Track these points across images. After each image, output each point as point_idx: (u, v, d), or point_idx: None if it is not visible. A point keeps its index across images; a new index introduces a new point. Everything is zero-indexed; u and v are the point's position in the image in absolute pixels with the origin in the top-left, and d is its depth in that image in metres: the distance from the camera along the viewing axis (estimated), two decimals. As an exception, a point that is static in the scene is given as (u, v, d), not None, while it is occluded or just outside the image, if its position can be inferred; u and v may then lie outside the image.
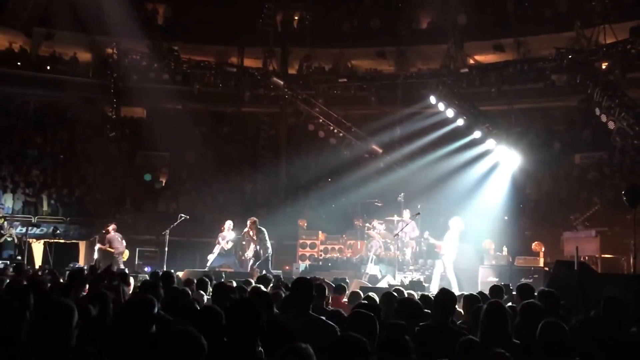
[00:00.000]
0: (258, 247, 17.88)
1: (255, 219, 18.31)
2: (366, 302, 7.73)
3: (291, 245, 22.72)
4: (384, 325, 5.51)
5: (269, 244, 18.01)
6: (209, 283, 10.17)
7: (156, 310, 5.56)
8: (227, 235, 18.95)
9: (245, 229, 18.15)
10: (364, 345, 4.10)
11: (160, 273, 11.45)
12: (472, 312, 6.82)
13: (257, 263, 17.74)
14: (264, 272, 16.49)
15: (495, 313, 5.88)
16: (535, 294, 7.69)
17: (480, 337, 5.73)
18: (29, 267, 20.12)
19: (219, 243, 18.92)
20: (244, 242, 19.20)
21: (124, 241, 19.93)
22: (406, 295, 9.59)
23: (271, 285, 10.31)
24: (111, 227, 20.17)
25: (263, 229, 18.11)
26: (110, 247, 19.64)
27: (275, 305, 6.75)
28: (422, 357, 5.30)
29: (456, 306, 7.35)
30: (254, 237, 17.89)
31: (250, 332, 4.66)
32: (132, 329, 5.28)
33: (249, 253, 18.24)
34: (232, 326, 4.75)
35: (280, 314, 6.36)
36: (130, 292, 9.03)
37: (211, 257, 18.75)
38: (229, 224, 19.17)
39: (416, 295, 9.94)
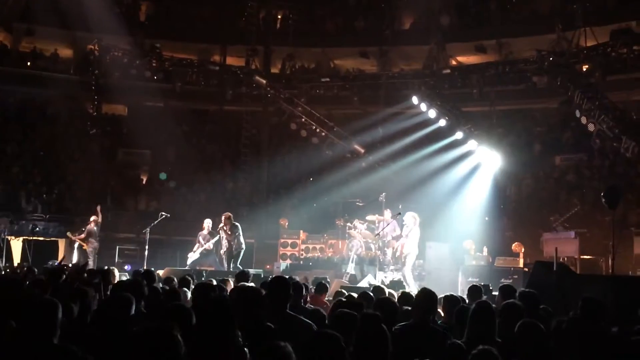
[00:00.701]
0: (232, 243, 17.86)
1: (229, 214, 18.35)
2: (345, 300, 7.75)
3: (272, 244, 22.73)
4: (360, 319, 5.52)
5: (242, 240, 18.02)
6: (192, 281, 10.14)
7: (134, 309, 5.55)
8: (207, 234, 18.92)
9: (220, 225, 18.12)
10: (338, 341, 4.10)
11: (142, 271, 11.42)
12: (454, 313, 6.85)
13: (232, 259, 17.76)
14: (238, 268, 16.58)
15: (484, 313, 5.93)
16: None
17: (467, 336, 5.76)
18: (7, 264, 19.99)
19: (199, 242, 18.88)
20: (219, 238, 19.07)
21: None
22: (387, 295, 9.64)
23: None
24: (93, 219, 20.13)
25: (237, 224, 18.13)
26: (86, 241, 19.59)
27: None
28: (402, 356, 5.32)
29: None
30: (228, 232, 17.88)
31: (226, 330, 4.63)
32: (110, 327, 5.27)
33: (223, 249, 18.23)
34: (209, 325, 4.72)
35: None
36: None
37: (191, 256, 18.70)
38: (207, 222, 19.13)
39: (396, 294, 9.97)
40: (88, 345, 5.00)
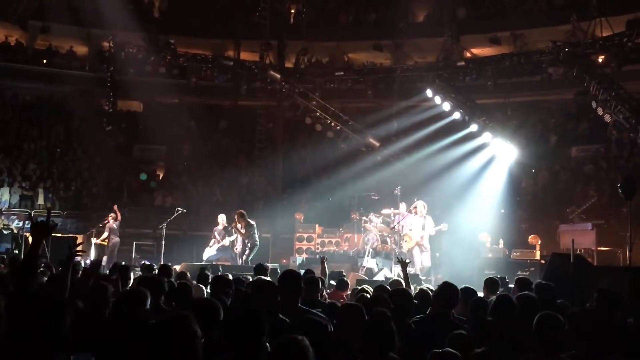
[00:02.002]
0: (246, 242, 17.81)
1: (242, 211, 18.15)
2: (367, 294, 7.78)
3: (288, 238, 22.77)
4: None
5: (257, 237, 17.94)
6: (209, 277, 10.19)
7: (148, 303, 5.61)
8: (222, 230, 18.92)
9: (233, 223, 18.09)
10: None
11: (156, 267, 11.49)
12: (469, 305, 6.87)
13: (245, 257, 17.74)
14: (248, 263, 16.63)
15: (505, 305, 5.94)
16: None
17: (486, 330, 5.78)
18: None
19: (214, 237, 18.92)
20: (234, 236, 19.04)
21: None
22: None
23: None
24: (111, 216, 20.31)
25: (253, 223, 17.95)
26: (106, 238, 19.77)
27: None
28: (420, 347, 5.34)
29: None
30: (242, 231, 17.80)
31: (253, 335, 4.55)
32: (126, 321, 5.33)
33: (238, 247, 18.17)
34: (234, 328, 4.66)
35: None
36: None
37: (207, 251, 18.76)
38: (222, 218, 19.11)
39: (413, 288, 9.98)
40: (105, 340, 5.07)
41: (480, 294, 8.89)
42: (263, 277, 8.69)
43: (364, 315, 5.38)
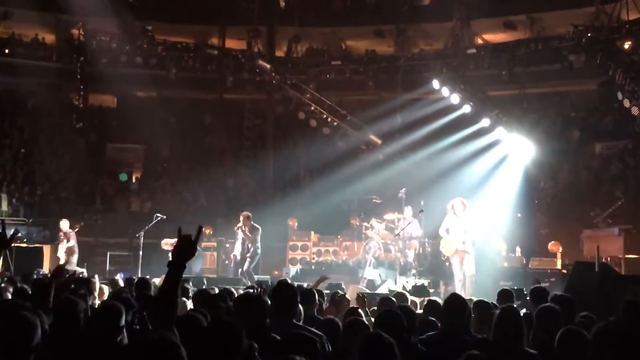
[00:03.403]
0: (250, 246, 17.82)
1: (248, 213, 18.23)
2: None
3: (280, 247, 22.75)
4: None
5: (259, 244, 17.99)
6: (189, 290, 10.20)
7: (124, 320, 5.59)
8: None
9: (239, 224, 18.07)
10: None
11: (135, 279, 11.47)
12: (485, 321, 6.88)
13: (247, 266, 17.73)
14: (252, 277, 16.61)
15: (508, 319, 5.92)
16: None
17: (490, 346, 5.77)
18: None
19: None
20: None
21: None
22: (410, 302, 9.66)
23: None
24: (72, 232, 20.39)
25: (258, 227, 18.02)
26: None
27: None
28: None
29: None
30: (248, 234, 17.81)
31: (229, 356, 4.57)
32: (99, 339, 5.32)
33: (238, 253, 18.14)
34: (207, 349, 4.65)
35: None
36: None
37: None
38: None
39: (417, 301, 9.99)
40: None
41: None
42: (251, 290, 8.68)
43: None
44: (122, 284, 11.83)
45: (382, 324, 5.90)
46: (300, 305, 6.65)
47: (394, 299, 8.80)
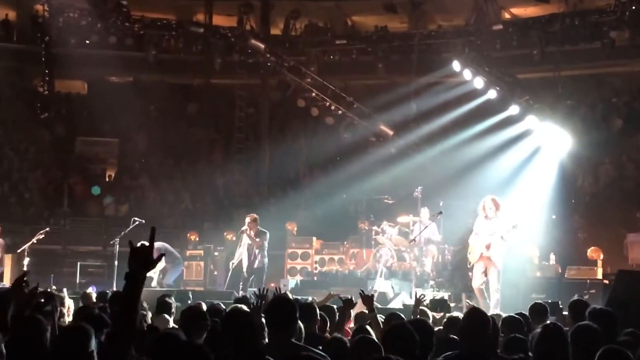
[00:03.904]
0: (257, 253, 17.89)
1: (255, 215, 18.34)
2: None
3: (278, 255, 22.70)
4: None
5: (266, 252, 18.12)
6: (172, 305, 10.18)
7: (93, 343, 5.59)
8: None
9: (243, 228, 18.10)
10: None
11: (110, 293, 11.47)
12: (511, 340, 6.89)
13: (252, 277, 17.75)
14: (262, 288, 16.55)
15: (554, 340, 5.92)
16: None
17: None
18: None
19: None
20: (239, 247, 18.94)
21: None
22: (430, 317, 9.66)
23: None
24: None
25: (267, 232, 18.15)
26: None
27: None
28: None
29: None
30: (256, 239, 17.87)
31: None
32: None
33: (244, 260, 18.08)
34: None
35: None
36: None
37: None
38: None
39: (436, 317, 9.97)
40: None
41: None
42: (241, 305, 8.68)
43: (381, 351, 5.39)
44: (94, 298, 11.82)
45: (391, 342, 5.89)
46: (300, 322, 6.65)
47: (402, 315, 8.79)
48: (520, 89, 21.83)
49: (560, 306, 12.03)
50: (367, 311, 9.25)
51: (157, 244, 19.01)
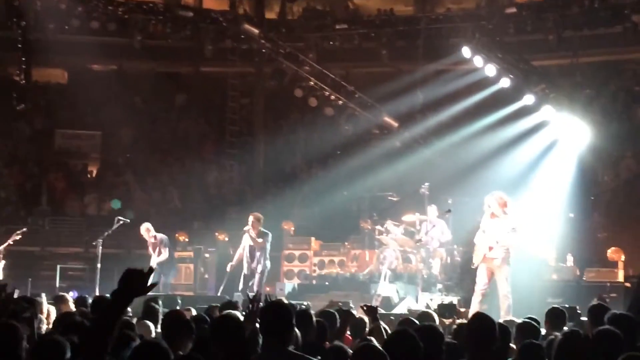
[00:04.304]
0: (259, 255, 17.99)
1: (259, 215, 18.41)
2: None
3: (274, 257, 22.67)
4: None
5: (268, 255, 18.28)
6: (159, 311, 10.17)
7: (68, 355, 5.60)
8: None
9: (246, 227, 18.17)
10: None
11: (91, 299, 11.46)
12: (522, 347, 6.89)
13: (252, 281, 17.83)
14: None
15: (574, 348, 5.92)
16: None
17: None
18: None
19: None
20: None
21: None
22: (437, 321, 9.67)
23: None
24: None
25: (269, 232, 18.30)
26: None
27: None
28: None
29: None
30: (258, 240, 17.96)
31: None
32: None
33: (244, 263, 18.14)
34: None
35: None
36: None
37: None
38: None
39: (446, 323, 9.97)
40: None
41: (543, 331, 8.90)
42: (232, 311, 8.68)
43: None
44: (70, 303, 11.79)
45: (393, 348, 5.89)
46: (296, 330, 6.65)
47: (415, 320, 8.80)
48: (535, 77, 21.82)
49: (579, 311, 12.01)
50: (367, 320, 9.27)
51: (159, 235, 19.49)
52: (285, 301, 7.07)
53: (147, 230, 19.84)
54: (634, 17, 25.06)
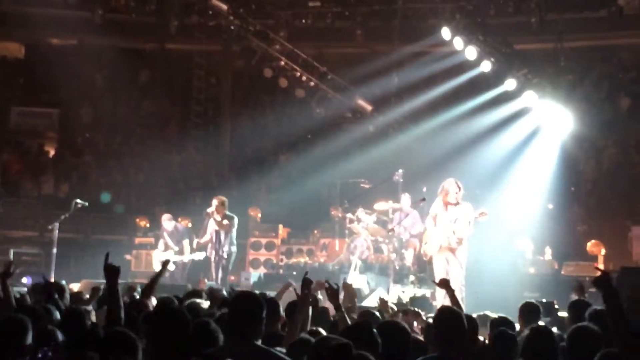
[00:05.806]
0: (223, 239, 18.04)
1: (223, 198, 18.53)
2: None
3: (239, 245, 22.64)
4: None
5: (235, 240, 18.42)
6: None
7: (29, 338, 5.59)
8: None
9: (210, 209, 18.26)
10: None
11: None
12: (493, 340, 6.96)
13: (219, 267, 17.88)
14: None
15: (540, 343, 5.96)
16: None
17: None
18: None
19: (164, 240, 19.14)
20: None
21: None
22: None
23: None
24: None
25: (235, 216, 18.41)
26: None
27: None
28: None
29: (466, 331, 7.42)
30: (223, 223, 18.02)
31: None
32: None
33: (209, 248, 18.25)
34: None
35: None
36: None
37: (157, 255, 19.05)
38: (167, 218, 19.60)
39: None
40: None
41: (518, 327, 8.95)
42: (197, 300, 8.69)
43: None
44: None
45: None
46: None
47: (377, 312, 8.83)
48: (517, 61, 21.89)
49: (556, 306, 12.08)
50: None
51: (180, 226, 19.87)
52: (257, 292, 7.08)
53: (169, 219, 20.22)
54: (619, 1, 25.16)
